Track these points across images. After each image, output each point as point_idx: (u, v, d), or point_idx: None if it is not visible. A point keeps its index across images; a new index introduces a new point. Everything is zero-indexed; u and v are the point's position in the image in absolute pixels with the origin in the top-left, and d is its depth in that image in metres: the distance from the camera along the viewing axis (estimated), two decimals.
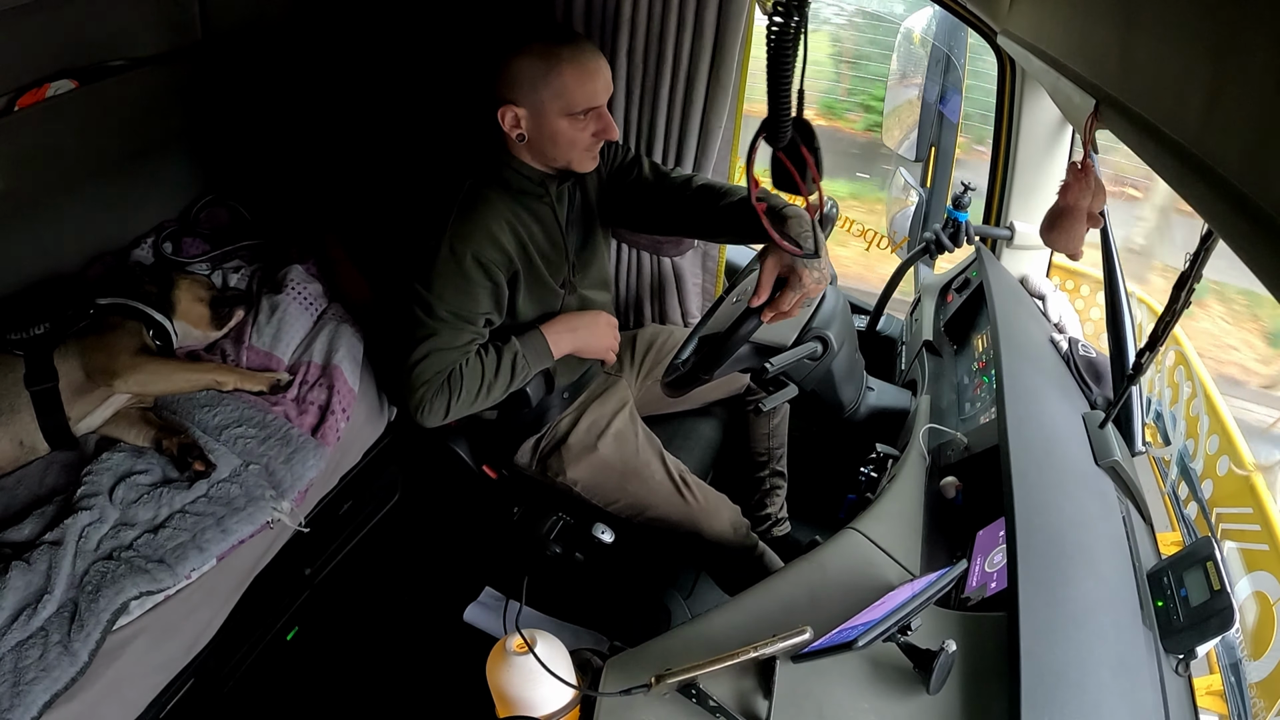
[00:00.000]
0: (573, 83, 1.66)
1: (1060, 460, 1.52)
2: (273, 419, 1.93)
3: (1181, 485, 1.77)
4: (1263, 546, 1.50)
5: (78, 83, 1.82)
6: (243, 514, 1.76)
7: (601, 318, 2.00)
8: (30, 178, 1.85)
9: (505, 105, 1.70)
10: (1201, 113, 0.78)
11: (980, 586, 1.33)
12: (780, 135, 1.31)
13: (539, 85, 1.67)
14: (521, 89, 1.68)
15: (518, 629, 1.28)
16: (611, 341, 2.02)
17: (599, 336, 1.99)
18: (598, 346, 1.99)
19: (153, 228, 2.32)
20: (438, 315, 1.75)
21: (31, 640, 1.50)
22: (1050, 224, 1.61)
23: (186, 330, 2.03)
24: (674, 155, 2.17)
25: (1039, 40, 1.56)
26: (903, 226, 2.67)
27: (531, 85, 1.67)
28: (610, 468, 2.01)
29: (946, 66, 2.49)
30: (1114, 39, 1.08)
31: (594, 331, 1.98)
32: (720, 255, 2.49)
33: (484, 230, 1.73)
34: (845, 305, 1.84)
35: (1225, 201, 0.70)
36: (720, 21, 1.95)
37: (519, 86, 1.68)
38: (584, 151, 1.76)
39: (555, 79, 1.66)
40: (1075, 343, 1.88)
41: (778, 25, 1.17)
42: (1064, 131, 2.02)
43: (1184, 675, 1.28)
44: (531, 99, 1.68)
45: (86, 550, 1.62)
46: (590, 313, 1.99)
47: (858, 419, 1.97)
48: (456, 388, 1.79)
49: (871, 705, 1.18)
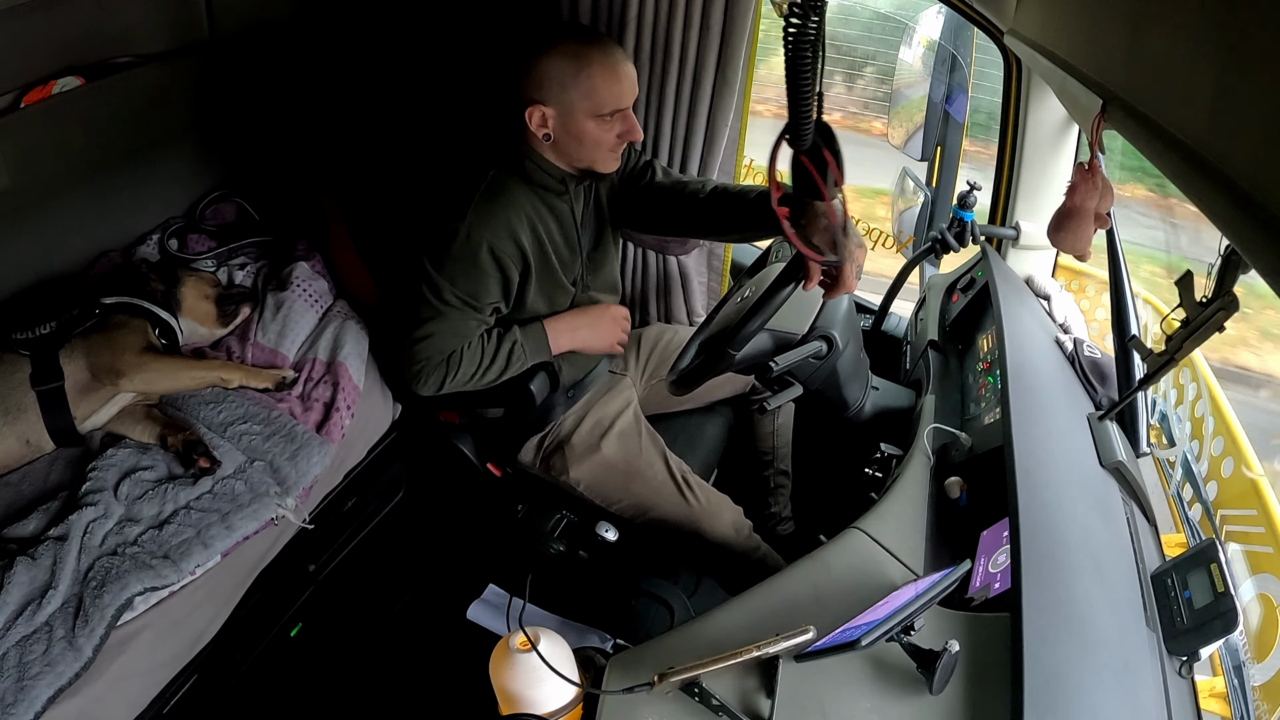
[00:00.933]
0: (602, 84, 1.67)
1: (1065, 461, 1.51)
2: (278, 416, 1.94)
3: (1186, 487, 1.76)
4: (1267, 549, 1.49)
5: (84, 80, 1.83)
6: (247, 510, 1.76)
7: (607, 312, 1.99)
8: (36, 174, 1.85)
9: (533, 105, 1.70)
10: (1209, 113, 0.78)
11: (984, 587, 1.33)
12: (802, 138, 1.31)
13: (569, 86, 1.66)
14: (550, 89, 1.68)
15: (521, 626, 1.28)
16: (616, 336, 2.01)
17: (602, 334, 1.98)
18: (601, 344, 1.99)
19: (158, 224, 2.32)
20: (446, 299, 1.75)
21: (36, 635, 1.51)
22: (1057, 225, 1.60)
23: (193, 328, 2.04)
24: (680, 154, 2.17)
25: (1046, 40, 1.55)
26: (908, 226, 2.67)
27: (561, 86, 1.67)
28: (613, 468, 2.01)
29: (952, 66, 2.49)
30: (1122, 39, 1.08)
31: (597, 330, 1.97)
32: (726, 254, 2.48)
33: (503, 221, 1.74)
34: (850, 304, 1.83)
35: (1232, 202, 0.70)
36: (727, 21, 1.95)
37: (548, 86, 1.68)
38: (609, 152, 1.76)
39: (585, 80, 1.66)
40: (1080, 343, 1.87)
41: (795, 26, 1.16)
42: (1070, 131, 2.02)
43: (1187, 677, 1.28)
44: (560, 99, 1.68)
45: (91, 546, 1.63)
46: (597, 308, 1.99)
47: (862, 418, 1.96)
48: (455, 368, 1.80)
49: (874, 705, 1.18)
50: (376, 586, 2.37)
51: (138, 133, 2.06)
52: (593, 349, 2.00)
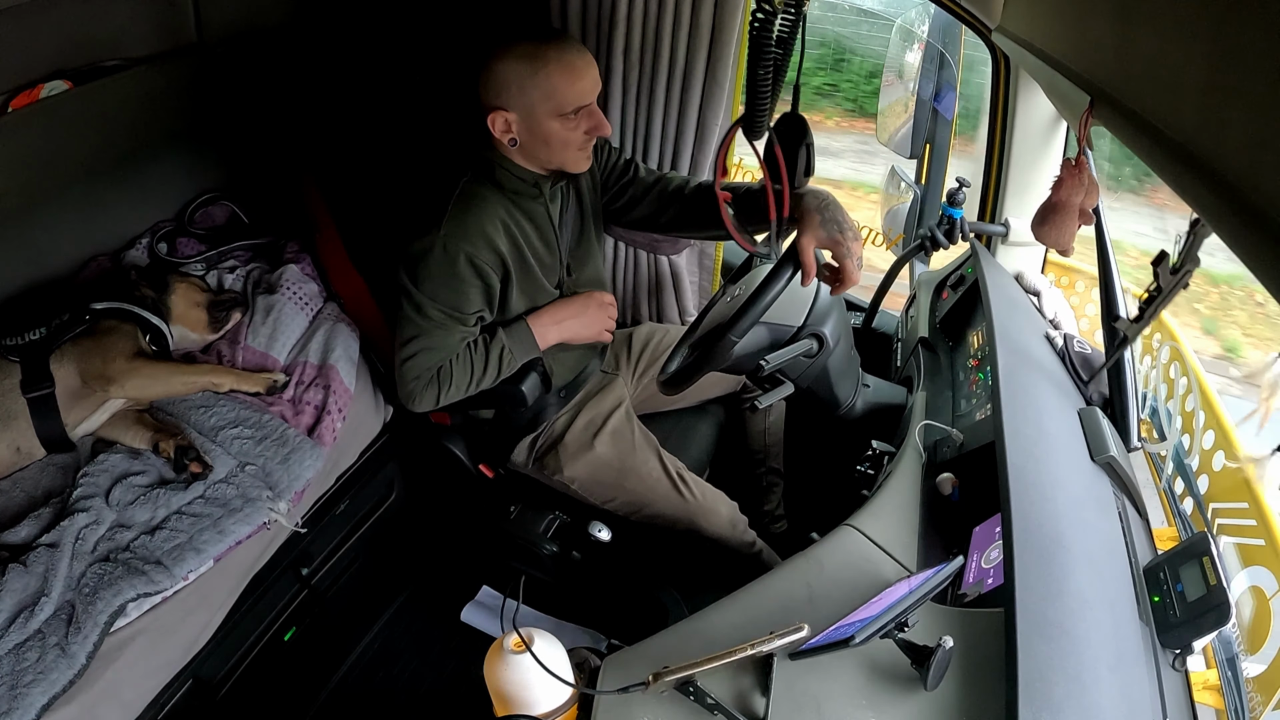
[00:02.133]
0: (562, 83, 1.64)
1: (1056, 456, 1.52)
2: (269, 420, 1.93)
3: (1177, 480, 1.77)
4: (1259, 541, 1.49)
5: (72, 83, 1.82)
6: (240, 515, 1.76)
7: (593, 299, 1.98)
8: (24, 179, 1.84)
9: (494, 111, 1.68)
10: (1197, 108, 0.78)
11: (977, 582, 1.34)
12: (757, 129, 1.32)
13: (527, 88, 1.64)
14: (509, 93, 1.66)
15: (515, 628, 1.28)
16: (604, 324, 2.01)
17: (588, 324, 1.98)
18: (589, 333, 1.99)
19: (148, 228, 2.31)
20: (428, 315, 1.75)
21: (29, 643, 1.50)
22: (1041, 219, 1.62)
23: (183, 334, 2.03)
24: (671, 153, 2.17)
25: (1034, 37, 1.56)
26: (898, 223, 2.67)
27: (520, 88, 1.65)
28: (607, 466, 2.01)
29: (941, 63, 2.49)
30: (1109, 35, 1.08)
31: (583, 319, 1.97)
32: (717, 254, 2.49)
33: (478, 230, 1.73)
34: (840, 302, 1.84)
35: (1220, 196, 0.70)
36: (716, 21, 1.95)
37: (506, 91, 1.66)
38: (577, 151, 1.75)
39: (544, 80, 1.63)
40: (1070, 339, 1.88)
41: (758, 21, 1.18)
42: (1059, 128, 2.03)
43: (1181, 670, 1.29)
44: (520, 102, 1.66)
45: (83, 552, 1.62)
46: (581, 297, 1.98)
47: (853, 416, 1.97)
48: (446, 382, 1.80)
49: (869, 702, 1.18)
50: (370, 590, 2.37)
51: (127, 136, 2.05)
52: (581, 339, 1.99)
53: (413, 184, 2.10)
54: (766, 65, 1.30)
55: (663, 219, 1.97)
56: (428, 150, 2.34)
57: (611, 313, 2.03)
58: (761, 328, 1.72)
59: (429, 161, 2.29)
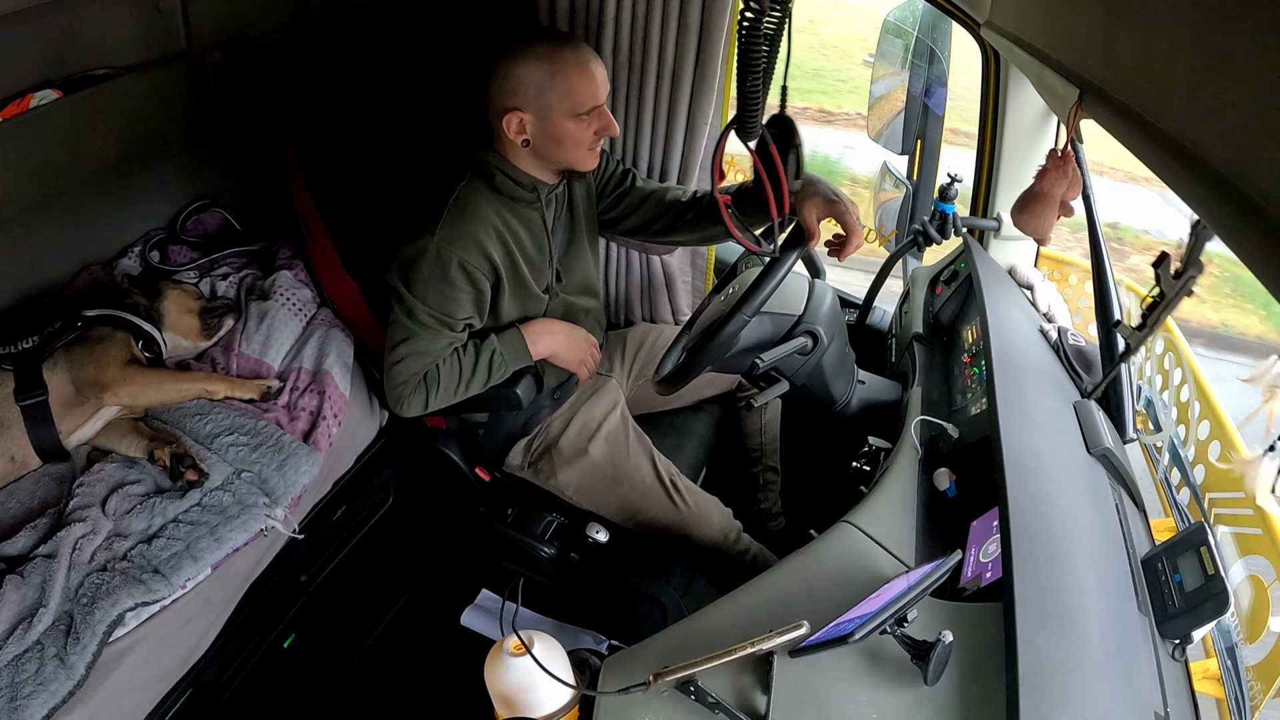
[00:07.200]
0: (579, 83, 1.67)
1: (1052, 449, 1.52)
2: (264, 426, 1.93)
3: (1174, 471, 1.78)
4: (1256, 530, 1.50)
5: (61, 93, 1.81)
6: (236, 522, 1.75)
7: (582, 333, 2.00)
8: (15, 189, 1.83)
9: (510, 112, 1.70)
10: (1186, 100, 0.78)
11: (975, 577, 1.34)
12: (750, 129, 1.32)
13: (545, 89, 1.67)
14: (527, 94, 1.68)
15: (514, 630, 1.28)
16: (587, 357, 2.02)
17: (575, 348, 1.99)
18: (572, 358, 2.00)
19: (140, 237, 2.30)
20: (419, 318, 1.75)
21: (28, 655, 1.49)
22: (1022, 207, 1.64)
23: (176, 341, 2.02)
24: (661, 153, 2.17)
25: (1023, 31, 1.57)
26: (890, 219, 2.68)
27: (538, 90, 1.67)
28: (601, 471, 2.01)
29: (930, 59, 2.50)
30: (1097, 28, 1.08)
31: (573, 342, 1.98)
32: (710, 253, 2.48)
33: (471, 236, 1.73)
34: (834, 299, 1.84)
35: (1211, 188, 0.70)
36: (704, 19, 1.94)
37: (523, 92, 1.68)
38: (588, 151, 1.77)
39: (562, 81, 1.66)
40: (1064, 332, 1.88)
41: (748, 20, 1.18)
42: (1049, 122, 2.03)
43: (1180, 660, 1.29)
44: (537, 103, 1.69)
45: (80, 562, 1.61)
46: (573, 325, 2.00)
47: (849, 413, 1.97)
48: (434, 386, 1.81)
49: (870, 697, 1.18)
50: (369, 595, 2.36)
51: (117, 145, 2.04)
52: (562, 360, 1.99)
53: (405, 188, 2.10)
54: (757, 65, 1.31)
55: (655, 227, 1.99)
56: (420, 154, 2.34)
57: (597, 354, 2.05)
58: (763, 318, 1.73)
59: (421, 165, 2.29)
